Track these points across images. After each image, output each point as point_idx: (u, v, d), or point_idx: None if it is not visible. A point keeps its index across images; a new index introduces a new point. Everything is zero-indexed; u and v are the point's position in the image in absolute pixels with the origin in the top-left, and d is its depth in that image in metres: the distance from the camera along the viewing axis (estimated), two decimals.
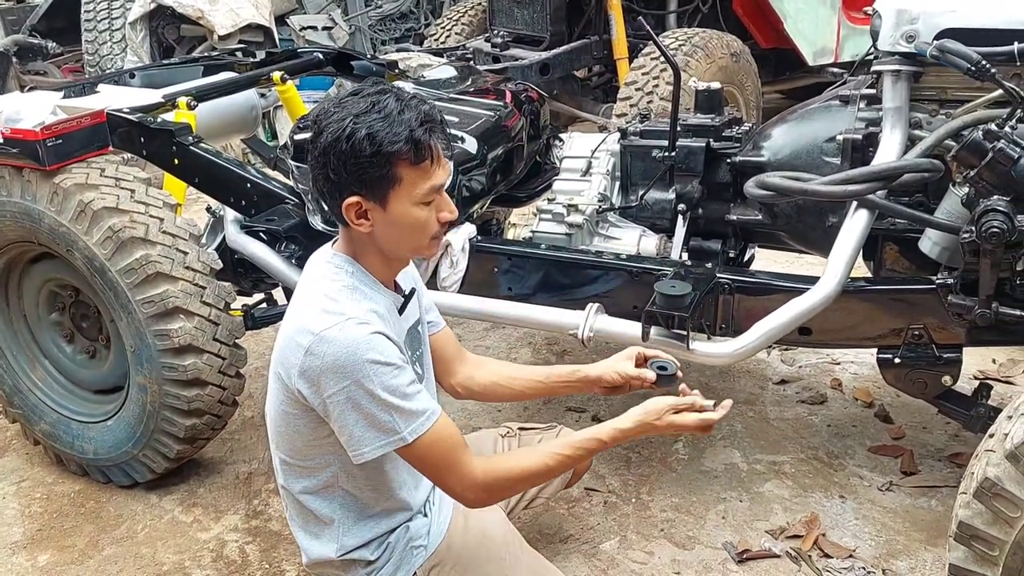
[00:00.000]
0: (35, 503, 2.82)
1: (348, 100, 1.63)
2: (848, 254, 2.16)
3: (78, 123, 2.59)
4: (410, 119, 1.59)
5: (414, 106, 1.62)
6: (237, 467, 2.92)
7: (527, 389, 2.08)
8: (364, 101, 1.61)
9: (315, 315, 1.63)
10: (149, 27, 6.39)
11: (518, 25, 5.37)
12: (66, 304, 2.83)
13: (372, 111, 1.59)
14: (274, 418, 1.78)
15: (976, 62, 1.97)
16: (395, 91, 1.65)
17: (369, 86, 1.68)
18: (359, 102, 1.61)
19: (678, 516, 2.57)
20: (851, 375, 3.25)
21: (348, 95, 1.65)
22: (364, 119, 1.58)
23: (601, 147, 2.81)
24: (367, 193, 1.62)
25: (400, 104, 1.61)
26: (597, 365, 2.01)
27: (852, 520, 2.51)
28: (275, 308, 2.99)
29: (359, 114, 1.59)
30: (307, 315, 1.65)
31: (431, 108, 1.65)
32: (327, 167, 1.62)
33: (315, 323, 1.62)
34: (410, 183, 1.62)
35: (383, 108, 1.59)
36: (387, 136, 1.58)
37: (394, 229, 1.67)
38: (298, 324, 1.65)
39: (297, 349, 1.63)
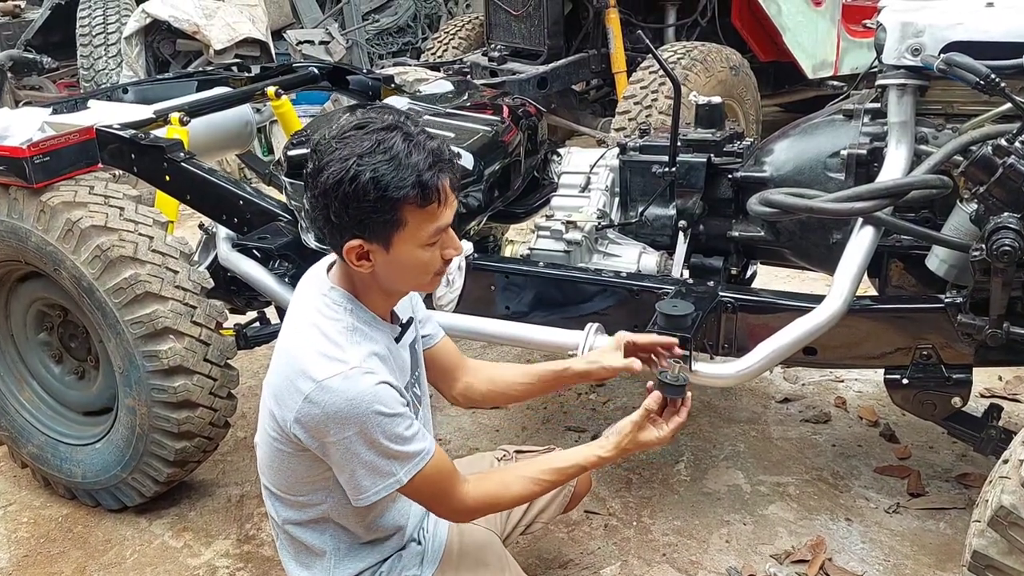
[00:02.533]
0: (22, 527, 2.75)
1: (352, 136, 1.53)
2: (854, 272, 2.11)
3: (66, 140, 2.54)
4: (418, 162, 1.51)
5: (422, 145, 1.53)
6: (229, 490, 2.86)
7: (522, 392, 2.08)
8: (369, 139, 1.51)
9: (316, 360, 1.56)
10: (145, 42, 6.36)
11: (516, 39, 5.35)
12: (54, 324, 2.78)
13: (377, 151, 1.50)
14: (266, 452, 1.72)
15: (985, 76, 1.93)
16: (402, 127, 1.55)
17: (373, 115, 1.58)
18: (363, 140, 1.51)
19: (680, 540, 2.51)
20: (855, 393, 3.20)
21: (352, 128, 1.54)
22: (369, 161, 1.49)
23: (600, 162, 2.76)
24: (369, 236, 1.55)
25: (408, 144, 1.52)
26: (584, 359, 2.03)
27: (859, 544, 2.46)
28: (268, 327, 2.93)
29: (363, 155, 1.50)
30: (306, 358, 1.57)
31: (440, 145, 1.57)
32: (328, 208, 1.53)
33: (316, 370, 1.55)
34: (415, 226, 1.55)
35: (389, 149, 1.50)
36: (393, 180, 1.49)
37: (397, 269, 1.61)
38: (296, 366, 1.58)
39: (295, 393, 1.57)
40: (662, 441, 1.80)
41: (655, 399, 1.81)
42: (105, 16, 6.67)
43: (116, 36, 6.57)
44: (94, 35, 6.63)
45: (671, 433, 1.80)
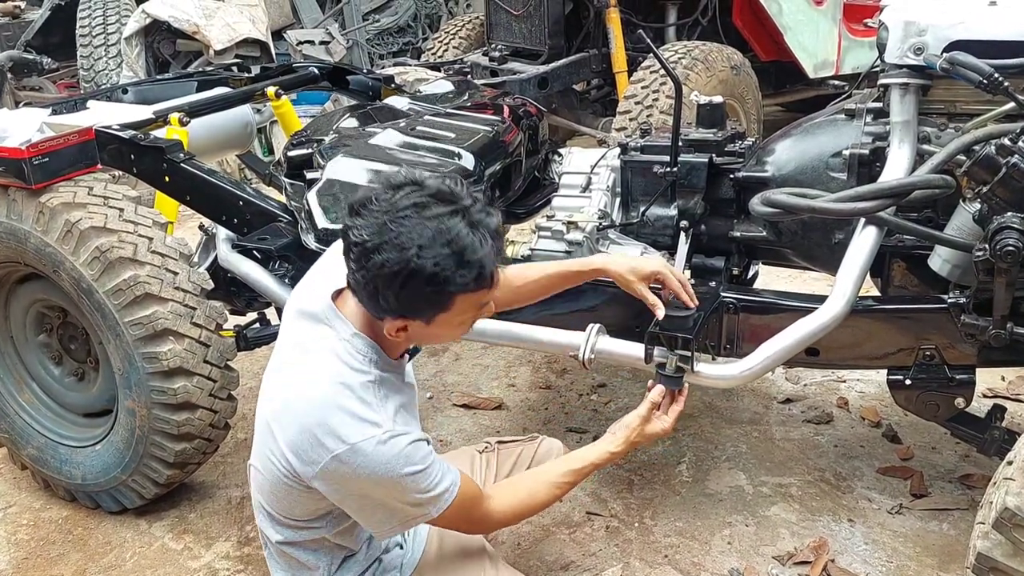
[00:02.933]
0: (21, 530, 2.74)
1: (410, 219, 1.42)
2: (856, 272, 2.10)
3: (65, 140, 2.53)
4: (482, 257, 1.46)
5: (486, 235, 1.46)
6: (229, 491, 2.85)
7: (541, 291, 2.13)
8: (430, 226, 1.42)
9: (345, 421, 1.51)
10: (145, 42, 6.35)
11: (516, 39, 5.33)
12: (54, 325, 2.77)
13: (439, 242, 1.42)
14: (268, 481, 1.65)
15: (988, 75, 1.92)
16: (465, 208, 1.45)
17: (431, 186, 1.47)
18: (424, 226, 1.41)
19: (682, 541, 2.49)
20: (857, 393, 3.19)
21: (410, 207, 1.42)
22: (430, 253, 1.41)
23: (601, 163, 2.75)
24: (413, 317, 1.52)
25: (472, 235, 1.44)
26: (614, 261, 2.05)
27: (862, 545, 2.45)
28: (268, 328, 2.92)
29: (424, 246, 1.41)
30: (334, 417, 1.51)
31: (497, 225, 1.49)
32: (376, 291, 1.47)
33: (347, 431, 1.51)
34: (463, 307, 1.53)
35: (453, 240, 1.42)
36: (454, 277, 1.45)
37: (433, 335, 1.61)
38: (322, 422, 1.51)
39: (321, 449, 1.52)
40: (666, 431, 1.91)
41: (659, 392, 1.95)
42: (105, 16, 6.66)
43: (116, 36, 6.56)
44: (94, 35, 6.62)
45: (673, 423, 1.93)
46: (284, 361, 1.68)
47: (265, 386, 1.70)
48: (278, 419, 1.59)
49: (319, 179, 2.58)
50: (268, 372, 1.72)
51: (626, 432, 1.87)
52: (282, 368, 1.67)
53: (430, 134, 2.76)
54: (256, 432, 1.69)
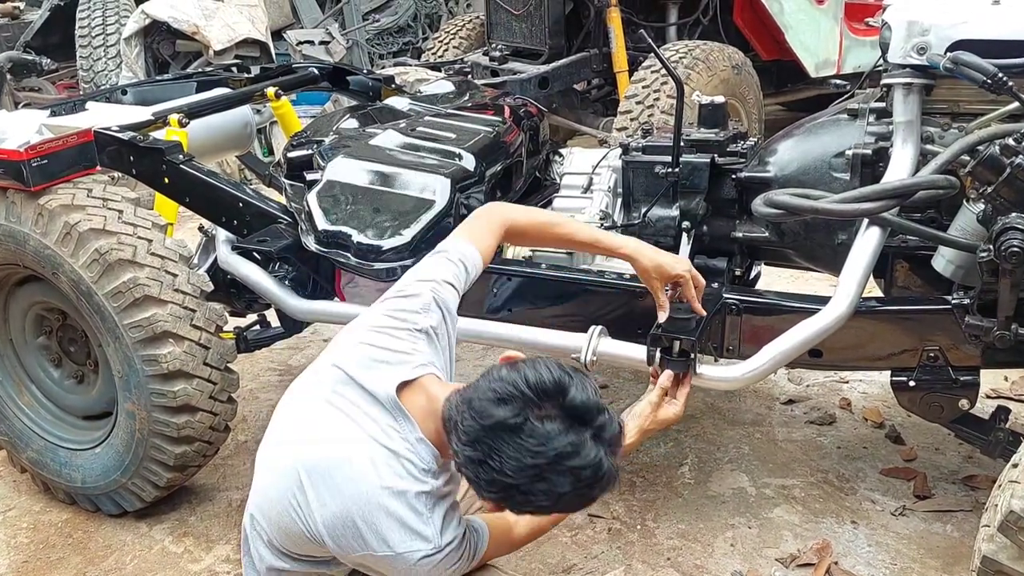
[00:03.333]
0: (21, 533, 2.73)
1: (558, 469, 1.40)
2: (860, 273, 2.08)
3: (64, 142, 2.52)
4: (599, 492, 1.47)
5: (610, 470, 1.46)
6: (230, 494, 2.84)
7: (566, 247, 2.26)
8: (557, 443, 1.40)
9: (393, 527, 1.50)
10: (144, 43, 6.34)
11: (516, 38, 5.32)
12: (53, 328, 2.76)
13: (563, 467, 1.40)
14: (284, 522, 1.59)
15: (992, 74, 1.90)
16: (598, 448, 1.44)
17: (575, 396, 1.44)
18: (550, 446, 1.39)
19: (685, 544, 2.48)
20: (860, 394, 3.18)
21: (558, 450, 1.40)
22: (552, 474, 1.41)
23: (602, 163, 2.74)
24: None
25: (597, 473, 1.44)
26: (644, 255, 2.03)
27: (865, 547, 2.44)
28: (268, 330, 2.92)
29: (549, 464, 1.40)
30: (384, 522, 1.49)
31: (616, 468, 1.48)
32: (480, 479, 1.45)
33: (394, 537, 1.50)
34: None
35: (581, 472, 1.41)
36: (568, 505, 1.48)
37: None
38: (369, 520, 1.50)
39: (360, 541, 1.51)
40: (678, 416, 1.94)
41: (669, 377, 1.97)
42: (104, 17, 6.65)
43: (115, 37, 6.54)
44: (93, 36, 6.61)
45: (683, 406, 1.96)
46: (322, 414, 1.61)
47: (291, 421, 1.65)
48: (315, 483, 1.54)
49: (319, 180, 2.57)
50: (295, 405, 1.68)
51: (639, 421, 1.87)
52: (320, 419, 1.61)
53: (431, 135, 2.75)
54: (271, 455, 1.64)
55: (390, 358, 1.64)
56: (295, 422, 1.66)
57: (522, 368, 1.47)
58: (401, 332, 1.68)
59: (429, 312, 1.74)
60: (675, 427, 2.98)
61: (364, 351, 1.66)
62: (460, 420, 1.46)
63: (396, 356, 1.64)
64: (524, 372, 1.46)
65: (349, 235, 2.44)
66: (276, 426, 1.70)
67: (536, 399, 1.43)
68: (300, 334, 3.21)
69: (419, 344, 1.69)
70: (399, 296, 1.78)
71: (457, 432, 1.46)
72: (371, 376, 1.61)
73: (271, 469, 1.63)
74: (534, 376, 1.45)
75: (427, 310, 1.74)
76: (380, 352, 1.65)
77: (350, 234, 2.45)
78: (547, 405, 1.44)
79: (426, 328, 1.72)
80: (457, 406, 1.49)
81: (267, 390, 3.44)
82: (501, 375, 1.48)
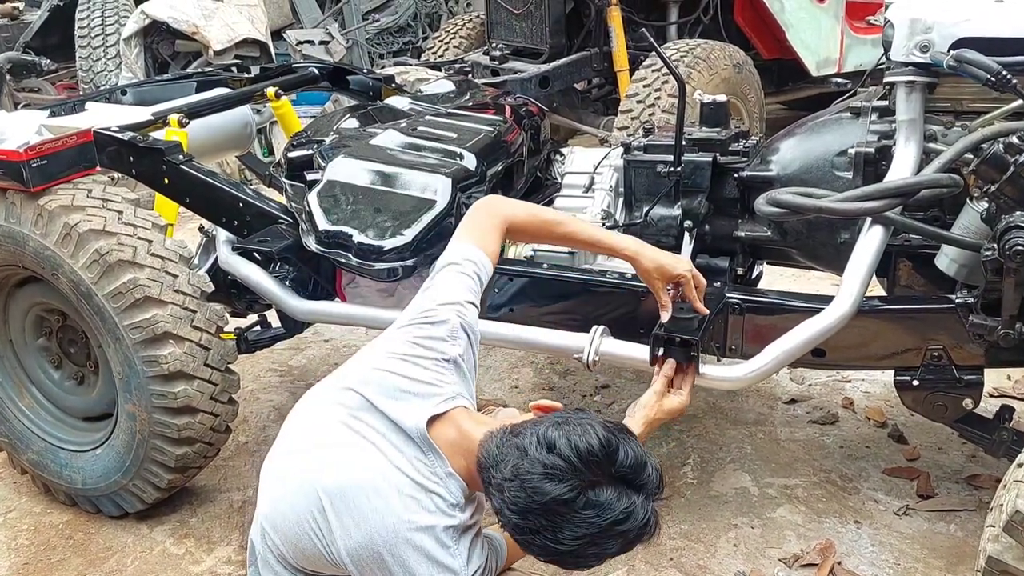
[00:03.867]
0: (22, 535, 2.73)
1: (608, 535, 1.41)
2: (863, 272, 2.07)
3: (64, 143, 2.51)
4: (643, 543, 1.48)
5: (653, 522, 1.46)
6: (231, 495, 2.83)
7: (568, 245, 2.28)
8: (610, 513, 1.40)
9: (421, 560, 1.50)
10: (144, 43, 6.33)
11: (517, 38, 5.31)
12: (53, 329, 2.75)
13: (615, 531, 1.41)
14: (300, 543, 1.58)
15: (996, 72, 1.89)
16: (646, 507, 1.44)
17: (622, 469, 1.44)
18: (604, 516, 1.40)
19: (688, 544, 2.48)
20: (862, 393, 3.17)
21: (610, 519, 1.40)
22: (604, 539, 1.42)
23: (604, 162, 2.73)
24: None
25: (644, 529, 1.44)
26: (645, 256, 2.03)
27: (868, 547, 2.43)
28: (269, 331, 2.91)
29: (602, 532, 1.41)
30: (409, 553, 1.49)
31: (657, 515, 1.48)
32: (532, 545, 1.45)
33: (420, 570, 1.50)
34: None
35: (630, 533, 1.43)
36: (597, 559, 1.47)
37: None
38: (395, 551, 1.49)
39: (385, 570, 1.50)
40: (684, 406, 1.96)
41: (671, 366, 1.99)
42: (104, 17, 6.63)
43: (115, 37, 6.53)
44: (93, 36, 6.60)
45: (689, 395, 1.99)
46: (345, 439, 1.59)
47: (308, 440, 1.63)
48: (338, 510, 1.53)
49: (320, 180, 2.56)
50: (311, 423, 1.66)
51: (644, 412, 1.88)
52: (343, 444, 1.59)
53: (432, 134, 2.74)
54: (286, 472, 1.62)
55: (418, 389, 1.62)
56: (311, 440, 1.63)
57: (569, 435, 1.45)
58: (428, 362, 1.67)
59: (456, 340, 1.72)
60: (677, 427, 2.98)
61: (389, 379, 1.63)
62: (508, 491, 1.43)
63: (424, 388, 1.62)
64: (573, 441, 1.43)
65: (350, 235, 2.44)
66: (288, 438, 1.67)
67: (587, 471, 1.43)
68: (301, 335, 3.21)
69: (447, 375, 1.67)
70: (424, 323, 1.73)
71: (503, 498, 1.45)
72: (397, 407, 1.60)
73: (285, 485, 1.61)
74: (584, 445, 1.43)
75: (454, 337, 1.72)
76: (406, 382, 1.63)
77: (351, 234, 2.44)
78: (598, 474, 1.43)
79: (454, 357, 1.70)
80: (501, 473, 1.45)
81: (268, 391, 3.43)
82: (549, 442, 1.44)
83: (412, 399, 1.60)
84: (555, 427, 1.47)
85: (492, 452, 1.48)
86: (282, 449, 1.67)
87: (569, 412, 1.55)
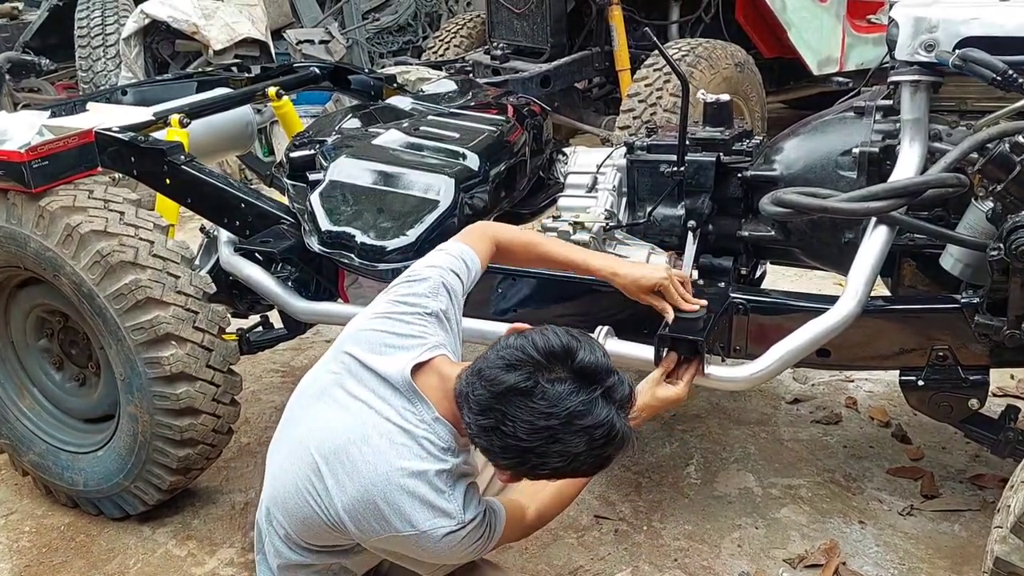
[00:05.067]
0: (24, 537, 2.72)
1: (571, 429, 1.42)
2: (868, 272, 2.06)
3: (65, 143, 2.50)
4: (614, 452, 1.49)
5: (624, 430, 1.48)
6: (233, 497, 2.82)
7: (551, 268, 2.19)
8: (568, 403, 1.41)
9: (416, 506, 1.51)
10: (143, 43, 6.32)
11: (518, 37, 5.30)
12: (54, 330, 2.74)
13: (576, 426, 1.42)
14: (300, 511, 1.61)
15: (1003, 72, 1.89)
16: (609, 408, 1.45)
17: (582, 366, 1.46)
18: (561, 406, 1.41)
19: (692, 545, 2.47)
20: (866, 393, 3.16)
21: (570, 408, 1.42)
22: (566, 435, 1.43)
23: (607, 162, 2.71)
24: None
25: (610, 433, 1.45)
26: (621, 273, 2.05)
27: (873, 547, 2.42)
28: (271, 332, 2.90)
29: (561, 424, 1.42)
30: (405, 502, 1.51)
31: (630, 429, 1.50)
32: (494, 446, 1.47)
33: (417, 516, 1.51)
34: None
35: (594, 431, 1.43)
36: (584, 466, 1.49)
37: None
38: (391, 501, 1.51)
39: (383, 522, 1.52)
40: (680, 396, 1.96)
41: (672, 359, 2.00)
42: (103, 17, 6.63)
43: (115, 37, 6.52)
44: (92, 36, 6.59)
45: (687, 385, 1.98)
46: (336, 400, 1.62)
47: (303, 411, 1.67)
48: (332, 468, 1.55)
49: (322, 181, 2.55)
50: (306, 396, 1.70)
51: (640, 398, 1.87)
52: (334, 405, 1.62)
53: (434, 134, 2.73)
54: (285, 448, 1.65)
55: (401, 343, 1.65)
56: (307, 411, 1.66)
57: (530, 335, 1.50)
58: (411, 316, 1.70)
59: (438, 296, 1.75)
60: (680, 427, 2.98)
61: (374, 336, 1.67)
62: (471, 391, 1.47)
63: (408, 340, 1.65)
64: (532, 338, 1.48)
65: (353, 236, 2.43)
66: (287, 418, 1.71)
67: (545, 362, 1.45)
68: (303, 335, 3.19)
69: (429, 327, 1.70)
70: (407, 281, 1.78)
71: (469, 403, 1.48)
72: (383, 360, 1.62)
73: (283, 459, 1.65)
74: (543, 341, 1.47)
75: (436, 293, 1.75)
76: (391, 337, 1.66)
77: (354, 235, 2.43)
78: (557, 368, 1.45)
79: (436, 311, 1.73)
80: (467, 379, 1.50)
81: (270, 392, 3.42)
82: (509, 343, 1.50)
83: (396, 351, 1.64)
84: (518, 335, 1.52)
85: (464, 378, 1.52)
86: (285, 432, 1.70)
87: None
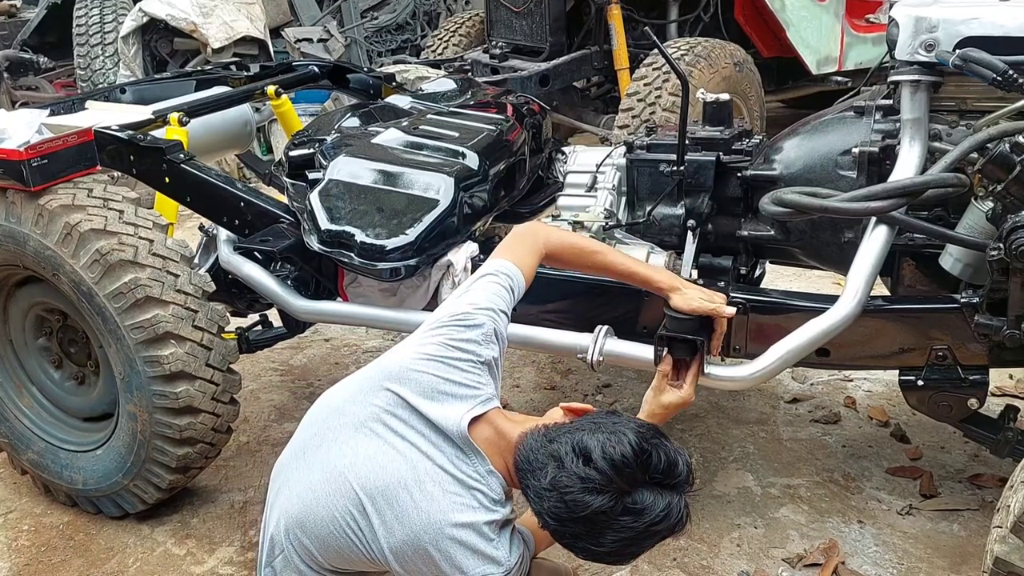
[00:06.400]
0: (22, 536, 2.71)
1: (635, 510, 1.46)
2: (868, 272, 2.06)
3: (64, 142, 2.50)
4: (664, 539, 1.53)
5: (685, 512, 1.51)
6: (232, 496, 2.82)
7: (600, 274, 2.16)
8: (648, 516, 1.46)
9: (467, 554, 1.54)
10: (142, 41, 6.32)
11: (517, 36, 5.29)
12: (54, 329, 2.74)
13: (653, 531, 1.48)
14: (335, 540, 1.61)
15: (1003, 71, 1.89)
16: (680, 501, 1.50)
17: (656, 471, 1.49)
18: (643, 520, 1.46)
19: (691, 544, 2.47)
20: (865, 392, 3.16)
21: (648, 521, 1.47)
22: (644, 539, 1.49)
23: (606, 161, 2.71)
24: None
25: (679, 523, 1.50)
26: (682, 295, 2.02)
27: (872, 546, 2.42)
28: (270, 331, 2.90)
29: (640, 534, 1.48)
30: (455, 549, 1.53)
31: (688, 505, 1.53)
32: (576, 548, 1.54)
33: (467, 563, 1.54)
34: None
35: (665, 531, 1.49)
36: (636, 556, 1.55)
37: None
38: (441, 547, 1.53)
39: (432, 566, 1.55)
40: (683, 399, 1.96)
41: (668, 362, 2.00)
42: (102, 15, 6.61)
43: (113, 35, 6.51)
44: (91, 34, 6.58)
45: (690, 387, 1.97)
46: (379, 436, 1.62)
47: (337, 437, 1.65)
48: (379, 509, 1.57)
49: (322, 179, 2.55)
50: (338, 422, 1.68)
51: (645, 408, 1.94)
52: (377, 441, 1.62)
53: (433, 133, 2.73)
54: (318, 472, 1.64)
55: (456, 391, 1.66)
56: (344, 441, 1.64)
57: (604, 445, 1.49)
58: (465, 364, 1.70)
59: (490, 343, 1.76)
60: (679, 426, 2.98)
61: (425, 380, 1.66)
62: (547, 499, 1.50)
63: (462, 389, 1.66)
64: (607, 451, 1.48)
65: (352, 235, 2.42)
66: (315, 436, 1.68)
67: (623, 480, 1.47)
68: (302, 334, 3.20)
69: (483, 376, 1.71)
70: (461, 325, 1.76)
71: (543, 504, 1.50)
72: (436, 408, 1.63)
73: (317, 484, 1.63)
74: (618, 454, 1.47)
75: (489, 341, 1.76)
76: (444, 384, 1.66)
77: (353, 234, 2.42)
78: (633, 481, 1.48)
79: (488, 360, 1.74)
80: (536, 472, 1.51)
81: (269, 391, 3.42)
82: (584, 452, 1.48)
83: (450, 400, 1.65)
84: (589, 434, 1.51)
85: (528, 456, 1.54)
86: (304, 447, 1.68)
87: (601, 416, 1.58)
